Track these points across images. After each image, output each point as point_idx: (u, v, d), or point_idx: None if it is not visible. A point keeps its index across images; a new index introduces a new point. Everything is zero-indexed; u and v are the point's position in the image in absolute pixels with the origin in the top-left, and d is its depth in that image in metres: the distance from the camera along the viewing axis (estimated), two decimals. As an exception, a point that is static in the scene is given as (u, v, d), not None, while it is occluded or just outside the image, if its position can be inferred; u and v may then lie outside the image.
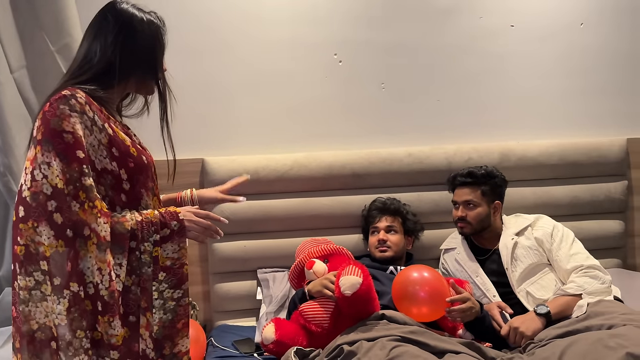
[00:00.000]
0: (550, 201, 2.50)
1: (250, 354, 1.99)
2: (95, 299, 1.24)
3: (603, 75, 2.66)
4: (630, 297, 2.08)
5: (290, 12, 2.42)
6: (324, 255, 2.05)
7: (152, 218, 1.33)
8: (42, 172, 1.21)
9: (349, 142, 2.48)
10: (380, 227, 2.20)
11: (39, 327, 1.21)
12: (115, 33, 1.36)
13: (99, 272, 1.24)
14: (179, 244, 1.35)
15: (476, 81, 2.57)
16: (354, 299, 1.68)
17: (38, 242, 1.21)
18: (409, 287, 1.78)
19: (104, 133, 1.31)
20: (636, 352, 1.45)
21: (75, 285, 1.22)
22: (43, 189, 1.21)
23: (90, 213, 1.24)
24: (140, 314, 1.31)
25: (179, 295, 1.34)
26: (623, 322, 1.66)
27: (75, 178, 1.23)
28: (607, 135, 2.63)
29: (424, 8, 2.51)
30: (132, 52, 1.37)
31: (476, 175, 2.16)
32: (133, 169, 1.36)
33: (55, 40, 1.91)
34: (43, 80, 1.90)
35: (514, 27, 2.57)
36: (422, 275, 1.81)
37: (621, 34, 2.65)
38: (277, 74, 2.43)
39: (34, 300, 1.21)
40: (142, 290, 1.31)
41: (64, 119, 1.23)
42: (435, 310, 1.79)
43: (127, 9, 1.39)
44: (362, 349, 1.58)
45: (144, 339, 1.30)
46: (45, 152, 1.22)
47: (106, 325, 1.25)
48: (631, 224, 2.65)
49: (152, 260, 1.32)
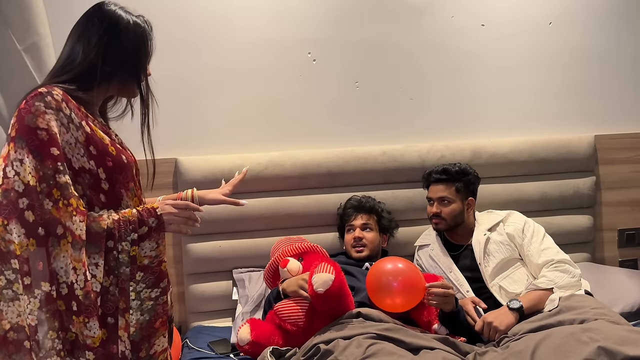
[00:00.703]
0: (521, 197, 2.54)
1: (226, 354, 1.98)
2: (70, 299, 1.22)
3: (571, 73, 2.70)
4: (599, 289, 2.14)
5: (263, 11, 2.41)
6: (298, 253, 2.05)
7: (129, 217, 1.31)
8: (15, 169, 1.19)
9: (324, 141, 2.48)
10: (356, 225, 2.21)
11: (12, 326, 1.18)
12: (100, 34, 1.33)
13: (74, 272, 1.22)
14: (157, 241, 1.33)
15: (448, 80, 2.60)
16: (327, 295, 1.69)
17: (8, 240, 1.18)
18: (382, 278, 1.80)
19: (81, 131, 1.28)
20: (607, 346, 1.48)
21: (47, 285, 1.20)
22: (15, 186, 1.18)
23: (65, 211, 1.21)
24: (118, 315, 1.29)
25: (156, 294, 1.33)
26: (595, 317, 1.70)
27: (49, 175, 1.21)
28: (576, 132, 2.68)
29: (396, 7, 2.51)
30: (115, 55, 1.35)
31: (450, 172, 2.19)
32: (112, 168, 1.33)
33: (22, 38, 1.84)
34: (9, 79, 1.84)
35: (484, 26, 2.60)
36: (396, 266, 1.82)
37: (589, 33, 2.69)
38: (251, 73, 2.41)
39: (6, 299, 1.18)
40: (121, 290, 1.29)
41: (38, 115, 1.21)
42: (409, 300, 1.80)
43: (114, 10, 1.37)
44: (339, 347, 1.58)
45: (122, 341, 1.28)
46: (19, 149, 1.19)
47: (81, 325, 1.23)
48: (599, 218, 2.71)
49: (130, 260, 1.30)
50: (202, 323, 2.30)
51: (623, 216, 2.74)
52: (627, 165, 2.73)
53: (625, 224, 2.74)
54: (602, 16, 2.71)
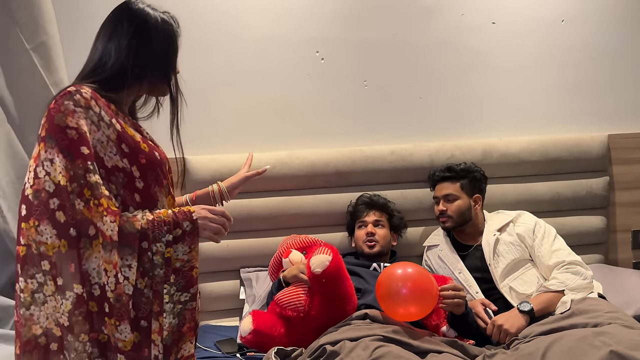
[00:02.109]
0: (533, 197, 2.52)
1: (232, 354, 1.97)
2: (102, 300, 1.19)
3: (584, 71, 2.69)
4: (612, 291, 2.11)
5: (272, 10, 2.41)
6: (303, 247, 2.07)
7: (164, 217, 1.27)
8: (45, 169, 1.17)
9: (332, 140, 2.48)
10: (368, 221, 2.20)
11: (43, 331, 1.17)
12: (130, 35, 1.32)
13: (105, 274, 1.19)
14: (190, 246, 1.29)
15: (458, 78, 2.59)
16: (325, 276, 1.69)
17: (39, 241, 1.17)
18: (393, 285, 1.73)
19: (112, 129, 1.26)
20: (620, 351, 1.46)
21: (79, 287, 1.17)
22: (45, 187, 1.17)
23: (96, 211, 1.18)
24: (152, 318, 1.25)
25: (186, 298, 1.29)
26: (608, 321, 1.67)
27: (80, 175, 1.18)
28: (589, 131, 2.65)
29: (406, 5, 2.51)
30: (146, 55, 1.34)
31: (455, 170, 2.21)
32: (145, 165, 1.30)
33: (31, 38, 1.87)
34: (18, 79, 1.87)
35: (495, 24, 2.59)
36: (406, 272, 1.74)
37: (602, 30, 2.68)
38: (259, 72, 2.42)
39: (37, 303, 1.18)
40: (155, 293, 1.25)
41: (68, 114, 1.19)
42: (424, 308, 1.74)
43: (142, 9, 1.36)
44: (345, 349, 1.57)
45: (156, 345, 1.25)
46: (49, 149, 1.18)
47: (113, 328, 1.20)
48: (612, 219, 2.68)
49: (164, 262, 1.26)
50: (210, 322, 2.31)
51: (637, 217, 2.71)
52: None
53: None
54: (614, 13, 2.69)
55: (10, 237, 1.81)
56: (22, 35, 1.85)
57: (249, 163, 1.76)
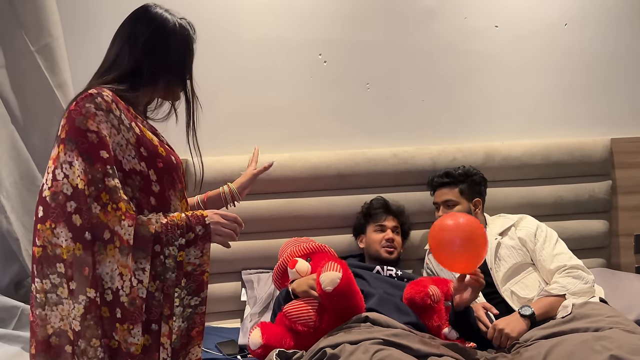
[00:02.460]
0: (535, 201, 2.52)
1: (233, 355, 1.98)
2: (114, 305, 1.19)
3: (587, 75, 2.69)
4: (613, 296, 2.10)
5: (274, 12, 2.43)
6: (306, 253, 2.05)
7: (178, 221, 1.28)
8: (64, 171, 1.19)
9: (334, 143, 2.49)
10: (388, 226, 2.22)
11: (54, 331, 1.19)
12: (147, 36, 1.34)
13: (120, 278, 1.19)
14: (202, 250, 1.30)
15: (461, 81, 2.60)
16: (336, 293, 1.69)
17: (55, 243, 1.18)
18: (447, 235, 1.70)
19: (132, 132, 1.27)
20: (620, 355, 1.46)
21: (92, 291, 1.18)
22: (63, 189, 1.18)
23: (113, 215, 1.19)
24: (162, 321, 1.26)
25: (196, 302, 1.30)
26: (609, 326, 1.68)
27: (98, 179, 1.19)
28: (591, 135, 2.66)
29: (408, 8, 2.53)
30: (162, 57, 1.36)
31: (453, 175, 2.22)
32: (162, 169, 1.32)
33: (36, 39, 1.89)
34: (22, 80, 1.88)
35: (498, 27, 2.60)
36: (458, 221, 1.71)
37: (605, 35, 2.69)
38: (262, 74, 2.44)
39: (50, 303, 1.19)
40: (166, 296, 1.26)
41: (89, 117, 1.20)
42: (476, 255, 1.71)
43: (160, 13, 1.38)
44: (345, 352, 1.57)
45: (165, 348, 1.26)
46: (68, 151, 1.19)
47: (125, 333, 1.20)
48: (615, 223, 2.68)
49: (176, 265, 1.27)
50: (210, 324, 2.31)
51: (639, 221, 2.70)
52: None
53: None
54: (618, 16, 2.69)
55: (13, 237, 1.83)
56: (27, 37, 1.87)
57: (255, 159, 1.76)
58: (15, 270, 1.91)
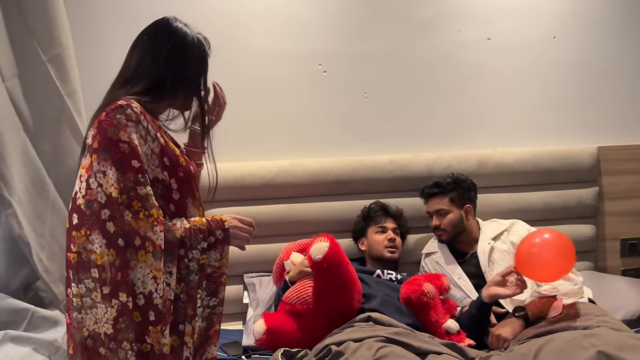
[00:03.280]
0: (525, 206, 2.59)
1: (238, 356, 2.03)
2: (147, 309, 1.23)
3: (575, 85, 2.76)
4: (601, 297, 2.17)
5: (275, 23, 2.49)
6: (301, 248, 2.16)
7: (200, 226, 1.34)
8: (98, 180, 1.22)
9: (333, 150, 2.55)
10: (389, 227, 2.28)
11: (89, 334, 1.23)
12: (169, 50, 1.38)
13: (154, 281, 1.23)
14: (221, 253, 1.37)
15: (455, 91, 2.66)
16: (325, 261, 1.76)
17: (90, 250, 1.22)
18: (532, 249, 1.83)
19: (157, 142, 1.32)
20: (607, 351, 1.52)
21: (124, 296, 1.21)
22: (97, 198, 1.22)
23: (145, 222, 1.23)
24: (186, 322, 1.31)
25: (214, 303, 1.36)
26: (597, 324, 1.74)
27: (130, 187, 1.23)
28: (579, 143, 2.72)
29: (405, 21, 2.59)
30: (182, 70, 1.40)
31: (442, 185, 2.29)
32: (182, 178, 1.36)
33: (47, 49, 1.92)
34: (34, 89, 1.91)
35: (490, 39, 2.67)
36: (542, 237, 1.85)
37: (591, 47, 2.76)
38: (264, 84, 2.49)
39: (85, 307, 1.23)
40: (189, 297, 1.31)
41: (120, 128, 1.24)
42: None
43: (180, 27, 1.42)
44: (350, 349, 1.63)
45: (188, 347, 1.31)
46: (102, 161, 1.23)
47: (159, 335, 1.24)
48: (602, 228, 2.75)
49: (199, 268, 1.32)
50: (213, 326, 2.36)
51: (625, 226, 2.77)
52: (629, 176, 2.76)
53: (628, 233, 2.77)
54: (604, 30, 2.77)
55: (24, 241, 1.86)
56: (39, 47, 1.90)
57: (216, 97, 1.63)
58: (25, 274, 1.94)
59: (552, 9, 2.71)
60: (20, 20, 1.90)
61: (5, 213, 1.83)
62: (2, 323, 1.84)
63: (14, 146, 1.84)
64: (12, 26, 1.89)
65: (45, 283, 1.93)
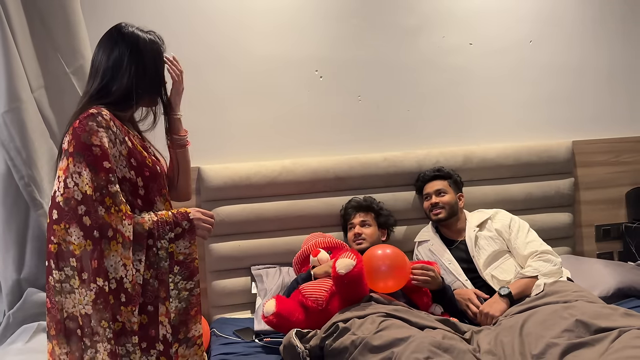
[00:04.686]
0: (508, 197, 2.73)
1: (251, 340, 2.18)
2: (119, 292, 1.37)
3: (551, 85, 2.91)
4: (578, 278, 2.35)
5: (276, 33, 2.62)
6: (329, 247, 2.29)
7: (166, 218, 1.49)
8: (74, 180, 1.36)
9: (332, 149, 2.67)
10: (355, 223, 2.41)
11: (68, 315, 1.37)
12: (127, 59, 1.48)
13: (124, 268, 1.37)
14: (190, 241, 1.50)
15: (441, 93, 2.80)
16: (346, 278, 1.90)
17: (69, 241, 1.35)
18: (373, 263, 2.01)
19: (124, 145, 1.46)
20: (584, 319, 1.72)
21: (101, 280, 1.35)
22: (74, 195, 1.35)
23: (116, 216, 1.38)
24: (159, 303, 1.45)
25: (191, 286, 1.50)
26: (575, 298, 1.93)
27: (102, 186, 1.37)
28: (556, 138, 2.87)
29: (394, 29, 2.74)
30: (144, 76, 1.51)
31: (443, 171, 2.53)
32: (148, 177, 1.51)
33: (70, 62, 2.05)
34: (59, 99, 2.04)
35: (472, 44, 2.83)
36: (385, 252, 2.03)
37: (565, 49, 2.92)
38: (266, 89, 2.62)
39: (65, 292, 1.37)
40: (160, 282, 1.46)
41: (92, 134, 1.38)
42: (398, 282, 2.02)
43: (132, 32, 1.52)
44: (355, 324, 1.81)
45: (164, 325, 1.45)
46: (77, 163, 1.37)
47: (129, 314, 1.39)
48: (578, 216, 2.91)
49: (168, 256, 1.47)
50: (224, 315, 2.49)
51: (600, 213, 2.94)
52: (602, 167, 2.93)
53: (602, 220, 2.94)
54: (576, 34, 2.93)
55: None
56: (63, 60, 2.04)
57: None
58: None
59: (529, 15, 2.87)
60: (45, 36, 2.04)
61: (37, 214, 1.96)
62: (34, 315, 1.99)
63: (43, 152, 1.98)
64: (38, 41, 2.03)
65: (72, 278, 2.07)
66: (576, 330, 1.70)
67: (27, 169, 1.92)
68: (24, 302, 1.99)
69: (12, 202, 1.98)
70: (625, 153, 2.97)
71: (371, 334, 1.72)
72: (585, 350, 1.60)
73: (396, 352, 1.62)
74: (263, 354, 2.02)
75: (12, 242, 2.00)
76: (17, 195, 1.97)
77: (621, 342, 1.55)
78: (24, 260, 2.04)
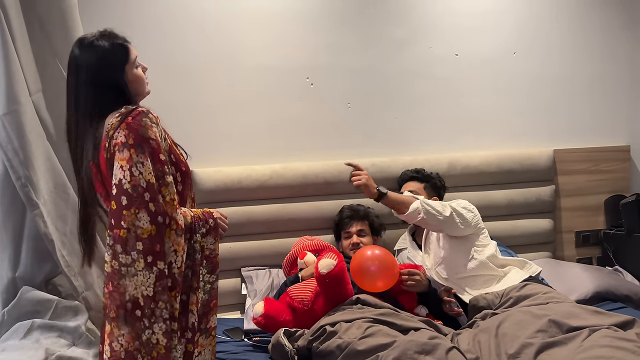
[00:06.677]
0: (490, 204, 2.80)
1: (240, 339, 2.24)
2: (169, 276, 1.45)
3: (533, 96, 2.99)
4: (558, 281, 2.45)
5: (267, 41, 2.69)
6: (316, 249, 2.35)
7: (199, 215, 1.59)
8: (138, 169, 1.44)
9: (321, 154, 2.74)
10: (353, 232, 2.46)
11: (129, 298, 1.43)
12: (105, 74, 1.57)
13: (174, 254, 1.47)
14: (215, 237, 1.60)
15: (427, 102, 2.88)
16: (328, 277, 1.97)
17: (138, 225, 1.43)
18: (363, 264, 2.07)
19: (166, 142, 1.57)
20: (556, 319, 1.80)
21: (162, 264, 1.43)
22: (140, 183, 1.43)
23: (171, 205, 1.47)
24: (190, 292, 1.54)
25: (213, 279, 1.60)
26: (547, 301, 2.00)
27: (160, 176, 1.46)
28: (537, 146, 2.95)
29: (383, 39, 2.81)
30: (123, 75, 1.59)
31: (422, 173, 2.58)
32: (184, 172, 1.62)
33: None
34: (56, 103, 2.06)
35: (458, 55, 2.90)
36: (374, 253, 2.10)
37: (547, 61, 3.00)
38: (257, 96, 2.68)
39: (129, 275, 1.43)
40: (194, 272, 1.55)
41: (148, 128, 1.48)
42: (387, 283, 2.08)
43: (91, 42, 1.58)
44: (342, 329, 1.86)
45: (194, 314, 1.53)
46: (139, 154, 1.45)
47: (172, 299, 1.47)
48: (559, 222, 2.99)
49: (200, 249, 1.56)
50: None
51: (579, 220, 3.01)
52: (582, 175, 3.01)
53: (581, 226, 3.02)
54: (558, 46, 3.02)
55: (49, 239, 2.01)
56: (61, 64, 2.06)
57: None
58: (48, 269, 2.08)
59: (513, 28, 2.96)
60: (44, 41, 2.07)
61: (33, 213, 2.00)
62: (29, 313, 2.01)
63: (40, 153, 2.01)
64: (37, 46, 2.05)
65: (67, 277, 2.08)
66: (549, 330, 1.78)
67: (24, 170, 1.95)
68: (18, 300, 2.02)
69: (9, 202, 2.01)
70: (604, 162, 3.04)
71: (357, 339, 1.78)
72: (558, 349, 1.68)
73: (381, 355, 1.69)
74: (252, 353, 2.07)
75: (9, 241, 2.03)
76: (14, 196, 1.99)
77: (591, 341, 1.64)
78: (19, 259, 2.06)
